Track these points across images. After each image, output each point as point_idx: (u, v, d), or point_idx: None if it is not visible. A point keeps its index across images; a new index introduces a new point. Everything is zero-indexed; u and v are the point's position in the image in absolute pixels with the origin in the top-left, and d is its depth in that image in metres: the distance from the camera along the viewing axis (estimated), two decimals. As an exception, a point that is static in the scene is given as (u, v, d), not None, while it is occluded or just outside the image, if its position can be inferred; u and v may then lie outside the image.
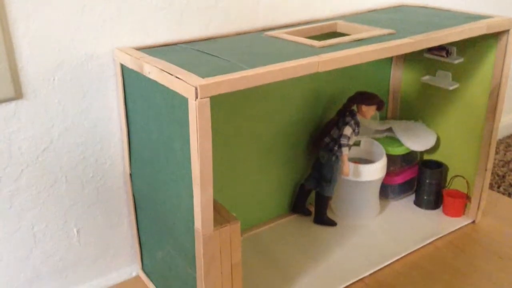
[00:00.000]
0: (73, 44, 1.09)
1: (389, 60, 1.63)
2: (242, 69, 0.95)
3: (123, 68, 1.12)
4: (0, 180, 1.09)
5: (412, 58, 1.58)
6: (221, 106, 1.31)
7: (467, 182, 1.54)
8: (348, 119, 1.42)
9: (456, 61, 1.44)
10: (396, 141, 1.57)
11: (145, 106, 1.07)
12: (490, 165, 1.47)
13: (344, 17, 1.41)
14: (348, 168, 1.40)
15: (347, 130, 1.40)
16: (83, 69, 1.12)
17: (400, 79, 1.65)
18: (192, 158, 0.92)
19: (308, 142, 1.53)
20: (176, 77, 0.91)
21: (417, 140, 1.55)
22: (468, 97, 1.47)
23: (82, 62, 1.11)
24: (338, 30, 1.33)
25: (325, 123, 1.49)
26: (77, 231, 1.24)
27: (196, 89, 0.86)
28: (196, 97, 0.86)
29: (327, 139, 1.44)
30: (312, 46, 1.10)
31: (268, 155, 1.46)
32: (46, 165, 1.14)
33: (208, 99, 0.87)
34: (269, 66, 0.95)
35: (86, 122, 1.16)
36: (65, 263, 1.25)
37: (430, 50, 1.50)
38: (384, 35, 1.19)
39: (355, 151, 1.59)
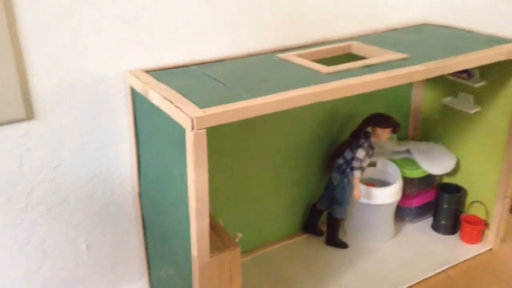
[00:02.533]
0: (84, 66, 1.11)
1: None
2: (243, 98, 0.95)
3: (132, 90, 1.13)
4: (12, 197, 1.13)
5: (434, 79, 1.54)
6: (232, 124, 1.31)
7: (486, 208, 1.49)
8: (362, 141, 1.39)
9: (478, 84, 1.40)
10: (413, 163, 1.53)
11: (151, 129, 1.08)
12: (510, 192, 1.42)
13: (362, 37, 1.39)
14: (359, 191, 1.38)
15: (360, 153, 1.38)
16: (94, 90, 1.14)
17: (422, 99, 1.61)
18: (189, 187, 0.92)
19: (322, 162, 1.51)
20: (176, 106, 0.91)
21: (435, 163, 1.51)
22: (489, 121, 1.42)
23: (93, 84, 1.13)
24: (354, 52, 1.31)
25: (340, 143, 1.47)
26: (87, 246, 1.27)
27: (192, 120, 0.86)
28: (193, 128, 0.86)
29: (340, 161, 1.42)
30: (318, 72, 1.09)
31: (280, 174, 1.46)
32: (56, 183, 1.17)
33: (205, 130, 0.87)
34: (269, 97, 0.95)
35: (97, 142, 1.18)
36: (75, 277, 1.28)
37: (451, 72, 1.45)
38: (397, 60, 1.16)
39: (371, 172, 1.56)
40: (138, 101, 1.12)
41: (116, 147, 1.21)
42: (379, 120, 1.38)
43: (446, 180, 1.61)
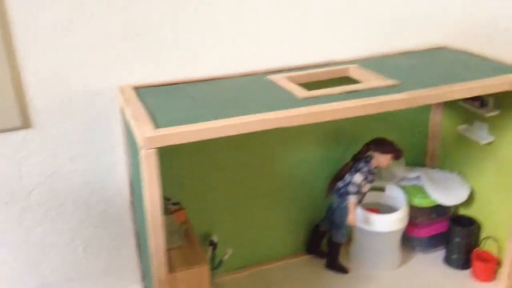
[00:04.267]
0: (81, 80, 1.19)
1: (428, 103, 1.52)
2: (205, 119, 0.97)
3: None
4: (11, 198, 1.23)
5: (451, 106, 1.47)
6: (232, 141, 1.34)
7: (499, 245, 1.39)
8: (361, 165, 1.36)
9: (490, 114, 1.32)
10: (425, 191, 1.47)
11: (132, 143, 1.14)
12: (523, 231, 1.32)
13: (368, 60, 1.36)
14: (353, 216, 1.35)
15: (357, 178, 1.34)
16: (89, 103, 1.21)
17: (439, 125, 1.54)
18: (144, 204, 0.96)
19: (326, 183, 1.49)
20: (136, 124, 0.95)
21: (446, 192, 1.44)
22: (503, 153, 1.33)
23: (89, 97, 1.21)
24: (350, 75, 1.28)
25: (342, 166, 1.44)
26: (84, 249, 1.35)
27: (143, 140, 0.90)
28: (143, 147, 0.90)
29: (340, 183, 1.40)
30: (295, 97, 1.09)
31: (282, 193, 1.46)
32: (54, 188, 1.26)
33: (155, 150, 0.91)
34: (230, 119, 0.96)
35: (92, 152, 1.26)
36: (72, 276, 1.36)
37: (466, 98, 1.38)
38: (383, 86, 1.13)
39: (379, 197, 1.52)
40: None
41: (111, 158, 1.28)
42: (380, 145, 1.34)
43: (461, 211, 1.52)
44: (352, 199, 1.34)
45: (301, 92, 1.10)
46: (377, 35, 1.43)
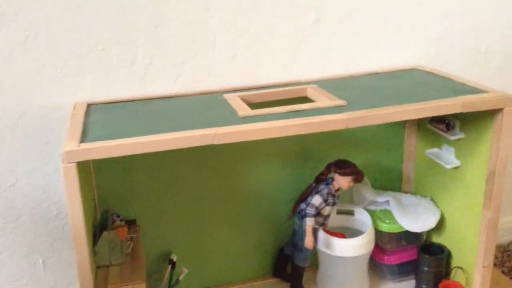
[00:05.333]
0: (35, 96, 1.21)
1: (403, 124, 1.48)
2: (136, 135, 0.97)
3: (76, 120, 1.21)
4: (-31, 209, 1.26)
5: (424, 128, 1.42)
6: (191, 161, 1.33)
7: (467, 276, 1.33)
8: (321, 187, 1.33)
9: (454, 137, 1.27)
10: (393, 216, 1.42)
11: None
12: (489, 262, 1.25)
13: (334, 80, 1.34)
14: (310, 240, 1.31)
15: (316, 200, 1.31)
16: (45, 118, 1.24)
17: (415, 147, 1.49)
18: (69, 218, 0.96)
19: (292, 205, 1.46)
20: (65, 139, 0.97)
21: (414, 218, 1.38)
22: (468, 178, 1.28)
23: (44, 113, 1.23)
24: (308, 96, 1.26)
25: (306, 187, 1.41)
26: (42, 262, 1.36)
27: (63, 153, 0.91)
28: (64, 161, 0.91)
29: (302, 205, 1.37)
30: (236, 115, 1.08)
31: (246, 213, 1.44)
32: (11, 200, 1.28)
33: (74, 164, 0.91)
34: (154, 136, 0.96)
35: (50, 165, 1.28)
36: (32, 289, 1.38)
37: (431, 120, 1.33)
38: (330, 107, 1.10)
39: (347, 221, 1.48)
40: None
41: (67, 172, 1.29)
42: (339, 166, 1.31)
43: (433, 238, 1.46)
44: (309, 222, 1.31)
45: (244, 111, 1.09)
46: (349, 55, 1.41)
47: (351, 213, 1.47)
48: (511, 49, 1.52)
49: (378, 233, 1.41)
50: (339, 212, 1.49)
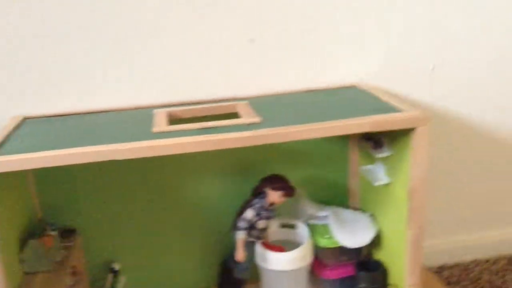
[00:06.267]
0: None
1: (346, 139, 1.49)
2: (48, 149, 1.03)
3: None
4: None
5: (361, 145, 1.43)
6: (134, 171, 1.39)
7: (398, 294, 1.33)
8: (255, 201, 1.36)
9: (380, 155, 1.27)
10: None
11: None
12: (415, 282, 1.25)
13: (267, 97, 1.37)
14: (240, 253, 1.34)
15: (248, 213, 1.34)
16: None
17: (357, 163, 1.50)
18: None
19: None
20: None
21: (350, 234, 1.39)
22: (397, 196, 1.28)
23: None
24: (238, 111, 1.30)
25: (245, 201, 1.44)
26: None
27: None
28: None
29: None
30: (150, 131, 1.12)
31: (190, 225, 1.48)
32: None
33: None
34: (56, 151, 1.01)
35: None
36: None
37: (362, 138, 1.35)
38: (242, 124, 1.14)
39: (288, 234, 1.49)
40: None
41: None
42: (271, 181, 1.34)
43: (375, 255, 1.46)
44: (239, 235, 1.34)
45: (159, 127, 1.13)
46: (288, 72, 1.44)
47: (292, 227, 1.49)
48: (460, 69, 1.52)
49: (318, 248, 1.43)
50: (283, 226, 1.51)
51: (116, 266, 1.44)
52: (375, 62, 1.47)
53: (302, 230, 1.47)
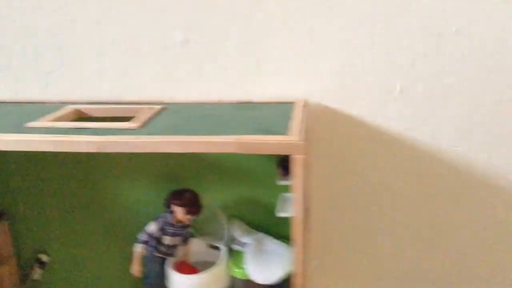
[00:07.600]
0: None
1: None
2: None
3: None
4: None
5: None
6: (60, 165, 1.38)
7: None
8: (162, 214, 1.27)
9: (282, 182, 1.11)
10: (249, 260, 1.28)
11: None
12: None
13: (190, 105, 1.28)
14: (135, 267, 1.25)
15: (151, 226, 1.26)
16: None
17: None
18: None
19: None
20: None
21: (262, 267, 1.24)
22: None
23: None
24: (135, 115, 1.21)
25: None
26: None
27: None
28: None
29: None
30: (25, 125, 1.10)
31: (116, 228, 1.43)
32: None
33: None
34: None
35: None
36: None
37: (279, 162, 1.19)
38: (120, 128, 1.06)
39: (213, 256, 1.37)
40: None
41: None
42: (174, 196, 1.24)
43: None
44: (136, 247, 1.25)
45: (36, 123, 1.10)
46: (223, 82, 1.32)
47: (216, 248, 1.37)
48: (427, 89, 1.27)
49: (234, 278, 1.29)
50: (211, 246, 1.39)
51: (43, 257, 1.44)
52: (327, 79, 1.29)
53: (223, 254, 1.34)
